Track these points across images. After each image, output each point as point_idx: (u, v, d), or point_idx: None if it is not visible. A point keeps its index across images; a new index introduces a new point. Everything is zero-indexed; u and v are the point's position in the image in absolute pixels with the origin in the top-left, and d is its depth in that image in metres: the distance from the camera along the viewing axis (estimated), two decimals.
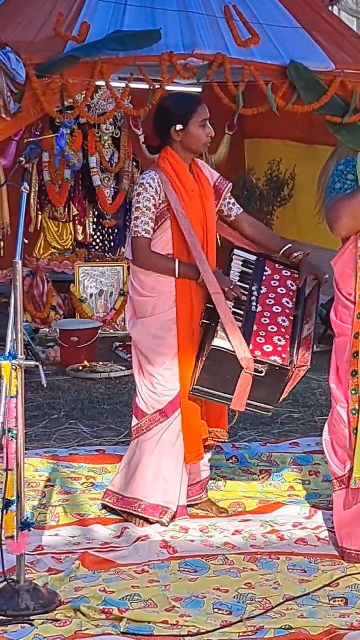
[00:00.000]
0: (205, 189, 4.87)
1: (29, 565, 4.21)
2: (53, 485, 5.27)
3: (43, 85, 7.87)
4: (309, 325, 4.61)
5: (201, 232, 4.78)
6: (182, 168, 4.82)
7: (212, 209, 4.88)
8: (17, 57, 7.65)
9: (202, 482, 5.05)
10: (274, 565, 4.35)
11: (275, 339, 4.50)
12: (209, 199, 4.87)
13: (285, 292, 4.71)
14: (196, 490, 5.03)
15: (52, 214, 10.64)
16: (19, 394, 3.87)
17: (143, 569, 4.31)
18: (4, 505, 3.86)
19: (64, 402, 7.04)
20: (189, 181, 4.82)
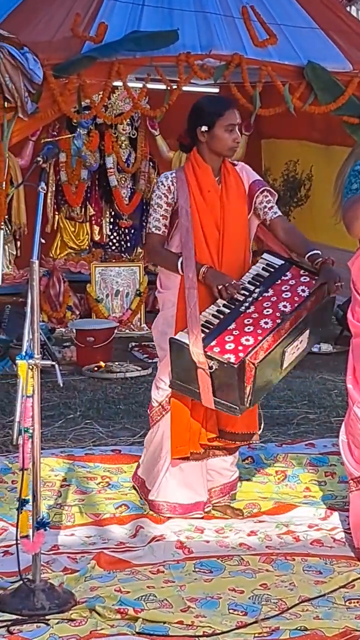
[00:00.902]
0: (232, 191, 4.85)
1: (45, 564, 4.22)
2: (69, 484, 5.28)
3: (60, 86, 7.89)
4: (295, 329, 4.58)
5: (215, 232, 4.80)
6: (204, 169, 4.83)
7: (236, 211, 4.85)
8: (34, 57, 7.68)
9: (223, 486, 5.04)
10: (290, 566, 4.34)
11: (244, 338, 4.52)
12: (235, 201, 4.85)
13: (290, 296, 4.66)
14: (215, 494, 5.03)
15: (68, 214, 10.66)
16: (35, 393, 3.88)
17: (158, 569, 4.30)
18: (20, 504, 3.87)
19: (80, 401, 7.05)
20: (207, 182, 4.82)
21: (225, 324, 4.59)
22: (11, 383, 7.24)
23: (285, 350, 4.58)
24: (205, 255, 4.78)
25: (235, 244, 4.85)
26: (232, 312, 4.64)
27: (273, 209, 4.92)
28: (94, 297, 9.64)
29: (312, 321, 4.70)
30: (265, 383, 4.61)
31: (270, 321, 4.56)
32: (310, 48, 8.68)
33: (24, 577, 3.94)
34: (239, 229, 4.87)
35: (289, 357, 4.65)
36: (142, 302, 9.71)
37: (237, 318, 4.61)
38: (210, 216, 4.80)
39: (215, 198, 4.82)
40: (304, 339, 4.69)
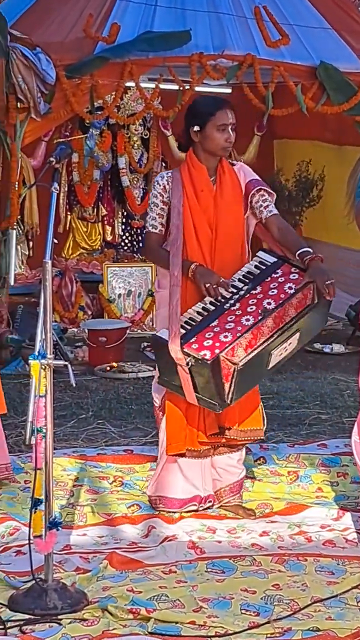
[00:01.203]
0: (227, 190, 4.88)
1: (57, 564, 4.23)
2: (81, 484, 5.28)
3: (73, 86, 7.90)
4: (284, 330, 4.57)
5: (208, 231, 4.84)
6: (198, 168, 4.87)
7: (231, 211, 4.87)
8: (47, 57, 7.69)
9: (232, 485, 5.04)
10: (302, 567, 4.34)
11: (223, 335, 4.54)
12: (230, 201, 4.87)
13: (276, 293, 4.64)
14: (225, 494, 5.03)
15: (80, 214, 10.67)
16: (47, 393, 3.89)
17: (170, 569, 4.31)
18: (33, 504, 3.87)
19: (92, 401, 7.06)
20: (201, 181, 4.86)
21: (207, 321, 4.64)
22: (23, 383, 7.25)
23: (272, 352, 4.58)
24: (197, 254, 4.82)
25: (229, 243, 4.87)
26: (217, 309, 4.67)
27: (268, 208, 4.91)
28: (106, 297, 9.65)
29: (305, 324, 4.66)
30: (248, 381, 4.62)
31: (252, 318, 4.58)
32: (323, 48, 8.67)
33: (36, 577, 3.95)
34: (233, 229, 4.89)
35: (276, 358, 4.65)
36: (154, 302, 9.70)
37: (220, 315, 4.65)
38: (204, 216, 4.84)
39: (209, 198, 4.86)
40: (294, 341, 4.67)
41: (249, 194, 4.92)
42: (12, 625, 3.78)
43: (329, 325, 9.90)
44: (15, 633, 3.74)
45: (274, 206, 4.94)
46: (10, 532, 4.61)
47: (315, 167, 10.47)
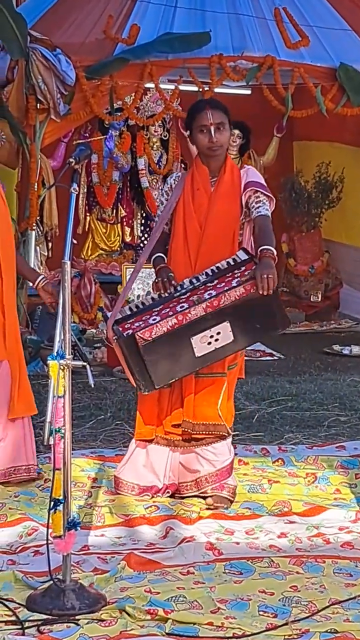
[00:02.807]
0: (223, 191, 4.99)
1: (75, 564, 4.23)
2: (99, 485, 5.29)
3: (92, 87, 7.92)
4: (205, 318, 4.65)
5: (197, 228, 4.99)
6: (200, 169, 5.05)
7: (224, 211, 4.98)
8: (67, 59, 7.71)
9: (207, 476, 5.08)
10: (320, 569, 4.33)
11: (152, 317, 4.71)
12: (224, 201, 4.98)
13: (222, 286, 4.72)
14: (202, 482, 5.07)
15: (100, 216, 10.68)
16: (66, 393, 3.89)
17: (188, 570, 4.30)
18: (53, 504, 3.88)
19: (110, 402, 7.06)
20: (199, 181, 5.02)
21: (152, 306, 4.82)
22: (42, 384, 7.25)
23: (193, 338, 4.66)
24: (181, 249, 5.01)
25: (217, 241, 4.97)
26: (167, 297, 4.82)
27: (259, 209, 4.95)
28: (127, 299, 9.66)
29: (234, 314, 4.68)
30: (172, 365, 4.72)
31: (187, 305, 4.70)
32: (343, 50, 8.66)
33: (54, 577, 3.95)
34: (223, 228, 4.99)
35: (203, 346, 4.69)
36: None
37: (167, 302, 4.79)
38: (195, 214, 5.00)
39: (204, 197, 5.00)
40: (222, 331, 4.68)
41: (244, 194, 4.99)
42: (30, 625, 3.78)
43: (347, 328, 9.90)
44: (33, 633, 3.74)
45: (267, 208, 4.95)
46: (29, 533, 4.62)
47: (335, 168, 10.46)
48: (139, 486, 5.12)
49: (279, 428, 6.46)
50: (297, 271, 10.42)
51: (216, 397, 5.01)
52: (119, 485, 5.17)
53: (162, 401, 5.06)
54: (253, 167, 5.22)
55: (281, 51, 8.45)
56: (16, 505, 4.93)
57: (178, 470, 5.13)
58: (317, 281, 10.34)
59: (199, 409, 5.01)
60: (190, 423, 5.01)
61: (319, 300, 10.33)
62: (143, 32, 8.20)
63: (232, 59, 8.24)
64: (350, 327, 9.93)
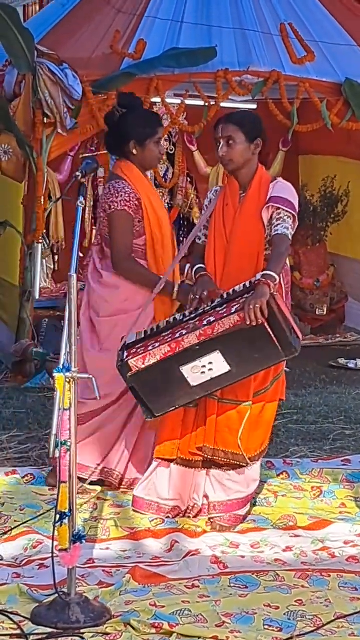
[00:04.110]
0: (250, 205, 4.95)
1: (80, 578, 4.23)
2: (104, 498, 5.29)
3: (99, 102, 7.94)
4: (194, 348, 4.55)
5: (224, 242, 4.97)
6: (231, 183, 5.05)
7: (249, 225, 4.92)
8: (74, 73, 7.73)
9: (217, 503, 5.00)
10: (325, 583, 4.33)
11: (152, 344, 4.65)
12: (250, 215, 4.93)
13: (223, 312, 4.58)
14: (212, 508, 5.01)
15: None
16: (72, 406, 3.90)
17: (193, 583, 4.30)
18: (60, 517, 3.88)
19: None
20: (229, 195, 5.01)
21: (161, 331, 4.74)
22: (47, 396, 7.27)
23: (182, 368, 4.56)
24: (211, 262, 5.00)
25: (241, 259, 4.92)
26: (177, 321, 4.75)
27: (277, 227, 4.82)
28: None
29: (225, 344, 4.53)
30: (166, 393, 4.64)
31: (185, 332, 4.61)
32: (348, 65, 8.69)
33: (59, 591, 3.96)
34: (248, 242, 4.93)
35: (196, 376, 4.58)
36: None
37: (174, 327, 4.71)
38: (223, 228, 4.98)
39: (232, 211, 4.97)
40: (215, 361, 4.55)
41: (265, 209, 4.89)
42: (35, 639, 3.79)
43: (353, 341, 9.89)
44: None
45: (286, 227, 4.81)
46: (34, 545, 4.63)
47: (340, 182, 10.47)
48: (159, 505, 5.03)
49: (284, 441, 6.46)
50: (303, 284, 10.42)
51: (238, 425, 4.85)
52: (138, 504, 5.07)
53: (187, 421, 4.95)
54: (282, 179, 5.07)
55: (287, 66, 8.47)
56: (22, 518, 4.93)
57: (198, 493, 5.03)
58: (323, 294, 10.33)
59: (220, 434, 4.88)
60: (210, 449, 4.90)
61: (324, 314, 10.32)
62: (149, 47, 8.23)
63: (238, 73, 8.26)
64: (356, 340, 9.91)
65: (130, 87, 8.00)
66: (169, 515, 5.01)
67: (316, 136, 9.30)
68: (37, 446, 6.16)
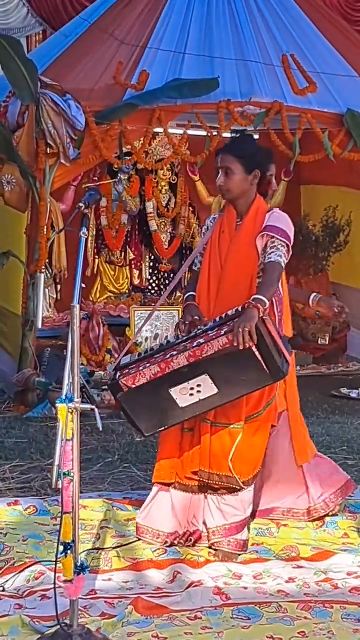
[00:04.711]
0: (245, 233, 5.01)
1: (82, 609, 4.21)
2: (107, 527, 5.28)
3: (102, 132, 7.98)
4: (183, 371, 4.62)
5: (219, 269, 5.03)
6: (228, 211, 5.11)
7: (243, 253, 4.98)
8: (77, 104, 7.78)
9: (218, 528, 5.02)
10: (328, 614, 4.31)
11: (143, 365, 4.70)
12: (245, 243, 4.99)
13: (213, 335, 4.64)
14: (212, 534, 5.02)
15: (108, 258, 10.73)
16: (74, 436, 3.90)
17: (196, 615, 4.28)
18: (64, 548, 3.86)
19: (118, 445, 7.06)
20: (226, 223, 5.07)
21: (154, 352, 4.80)
22: (50, 426, 7.27)
23: (170, 390, 4.64)
24: (203, 290, 5.07)
25: (234, 285, 4.97)
26: (170, 343, 4.80)
27: (270, 255, 4.91)
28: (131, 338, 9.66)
29: (213, 367, 4.60)
30: (155, 414, 4.72)
31: (175, 353, 4.67)
32: (350, 96, 8.74)
33: (61, 622, 3.94)
34: (242, 270, 4.99)
35: (185, 398, 4.65)
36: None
37: (167, 349, 4.76)
38: (218, 255, 5.04)
39: (227, 238, 5.05)
40: (203, 383, 4.62)
41: (260, 237, 4.96)
42: None
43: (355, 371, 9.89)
44: None
45: (280, 255, 4.89)
46: (36, 577, 4.61)
47: (342, 212, 10.51)
48: (164, 533, 5.03)
49: None
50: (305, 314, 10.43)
51: (229, 449, 4.90)
52: (141, 533, 5.08)
53: (184, 445, 5.00)
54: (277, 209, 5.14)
55: (289, 97, 8.52)
56: (24, 549, 4.92)
57: (197, 518, 5.05)
58: (325, 324, 10.35)
59: (214, 458, 4.93)
60: (205, 472, 4.94)
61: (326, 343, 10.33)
62: (152, 78, 8.28)
63: (240, 104, 8.31)
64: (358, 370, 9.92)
65: (133, 118, 8.07)
66: (167, 540, 5.02)
67: (318, 166, 9.34)
68: (40, 476, 6.15)
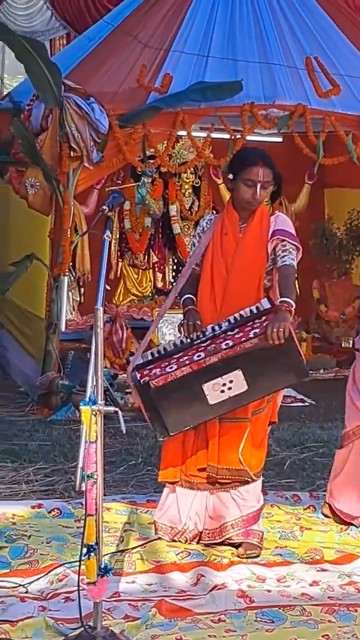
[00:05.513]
0: (251, 237, 5.05)
1: (106, 611, 4.22)
2: (130, 531, 5.28)
3: (125, 135, 7.99)
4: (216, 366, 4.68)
5: (223, 272, 5.05)
6: (230, 214, 5.11)
7: (250, 256, 5.03)
8: (100, 107, 7.79)
9: (233, 522, 5.08)
10: (352, 617, 4.30)
11: (169, 366, 4.74)
12: (251, 247, 5.04)
13: (240, 336, 4.73)
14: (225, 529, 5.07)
15: (132, 261, 10.74)
16: (98, 439, 3.90)
17: (219, 617, 4.28)
18: (87, 550, 3.87)
19: (142, 448, 7.06)
20: (229, 226, 5.08)
21: (172, 353, 4.85)
22: (73, 429, 7.28)
23: (203, 385, 4.69)
24: (206, 292, 5.07)
25: (242, 286, 5.01)
26: (187, 344, 4.86)
27: (284, 258, 5.00)
28: (157, 343, 9.66)
29: (246, 363, 4.70)
30: (186, 413, 4.76)
31: (203, 354, 4.72)
32: None
33: (85, 624, 3.94)
34: (249, 273, 5.03)
35: (216, 394, 4.72)
36: None
37: (186, 349, 4.82)
38: (222, 258, 5.06)
39: (232, 242, 5.06)
40: (235, 379, 4.70)
41: (270, 242, 5.03)
42: None
43: None
44: None
45: (292, 258, 4.99)
46: (60, 579, 4.61)
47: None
48: (172, 529, 5.15)
49: (310, 475, 6.43)
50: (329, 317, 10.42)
51: (238, 442, 5.01)
52: (156, 529, 5.21)
53: (187, 444, 5.09)
54: (284, 213, 5.20)
55: (312, 100, 8.51)
56: (48, 551, 4.93)
57: (203, 516, 5.12)
58: (349, 327, 10.32)
59: (223, 453, 5.02)
60: (214, 467, 5.03)
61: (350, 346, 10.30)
62: (176, 81, 8.28)
63: (263, 107, 8.30)
64: None
65: (156, 121, 8.07)
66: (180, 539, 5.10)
67: (342, 169, 9.32)
68: (63, 479, 6.16)
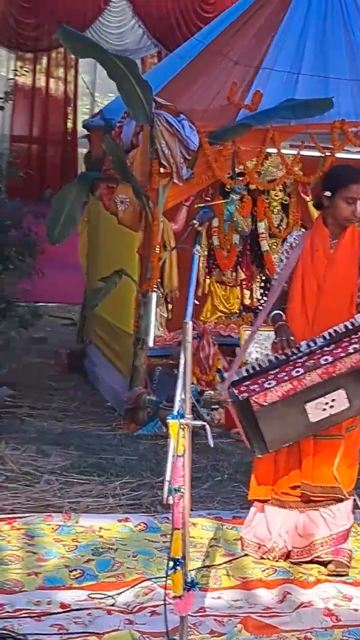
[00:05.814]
0: (343, 253, 5.06)
1: (192, 626, 4.22)
2: (216, 547, 5.27)
3: (215, 152, 8.02)
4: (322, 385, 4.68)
5: (314, 289, 5.05)
6: (321, 230, 5.11)
7: (343, 273, 5.05)
8: (190, 124, 7.83)
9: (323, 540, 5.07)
10: None
11: (268, 382, 4.72)
12: (343, 264, 5.05)
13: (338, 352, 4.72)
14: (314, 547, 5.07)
15: (219, 278, 10.73)
16: (185, 452, 3.91)
17: (305, 635, 4.26)
18: (174, 564, 3.87)
19: (227, 464, 7.05)
20: (319, 243, 5.07)
21: (269, 368, 4.84)
22: (160, 444, 7.30)
23: (307, 404, 4.69)
24: (298, 308, 5.07)
25: (334, 303, 5.02)
26: (284, 359, 4.85)
27: None
28: (244, 360, 9.64)
29: (349, 381, 4.71)
30: (286, 430, 4.77)
31: (302, 370, 4.71)
32: None
33: (171, 638, 3.95)
34: (341, 290, 5.05)
35: (318, 412, 4.72)
36: None
37: (283, 365, 4.81)
38: (313, 274, 5.05)
39: (323, 258, 5.06)
40: (337, 398, 4.71)
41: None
42: None
43: None
44: None
45: None
46: (145, 592, 4.63)
47: None
48: (260, 545, 5.14)
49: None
50: None
51: (332, 459, 5.02)
52: (243, 546, 5.22)
53: (279, 462, 5.09)
54: None
55: None
56: (134, 565, 4.95)
57: (293, 534, 5.11)
58: None
59: (317, 470, 5.02)
60: (309, 485, 5.02)
61: None
62: (266, 98, 8.28)
63: (354, 124, 8.26)
64: None
65: (246, 138, 8.09)
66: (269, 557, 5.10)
67: None
68: (149, 493, 6.18)
